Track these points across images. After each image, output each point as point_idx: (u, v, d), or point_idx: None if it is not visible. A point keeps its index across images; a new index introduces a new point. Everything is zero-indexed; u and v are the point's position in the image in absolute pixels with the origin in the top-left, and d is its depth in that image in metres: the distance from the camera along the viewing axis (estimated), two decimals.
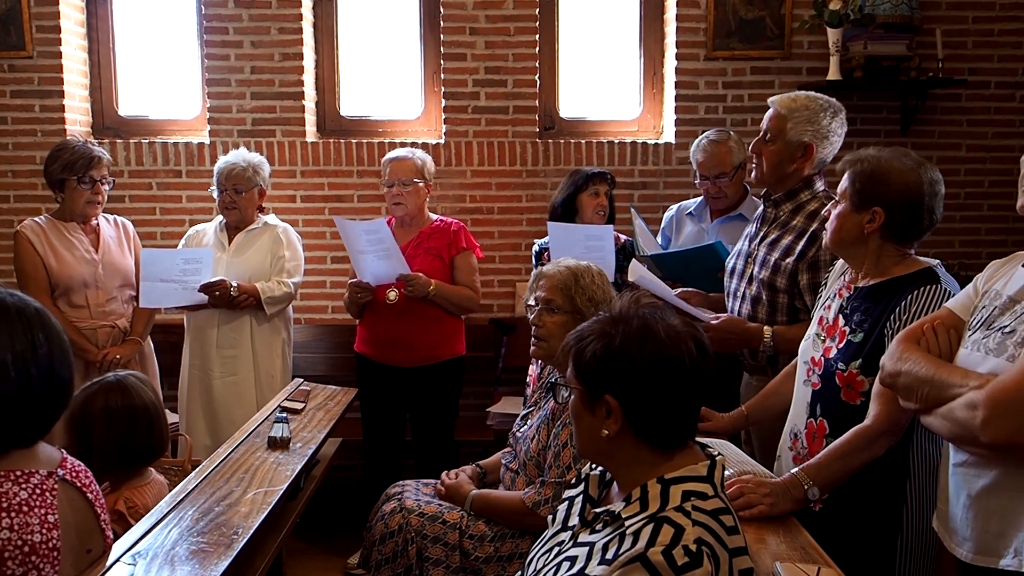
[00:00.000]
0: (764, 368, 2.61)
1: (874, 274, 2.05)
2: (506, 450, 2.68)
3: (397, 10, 4.38)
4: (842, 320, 2.07)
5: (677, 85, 4.22)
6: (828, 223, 2.11)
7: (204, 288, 3.36)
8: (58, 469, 1.59)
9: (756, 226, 2.70)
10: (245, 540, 1.84)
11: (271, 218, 3.64)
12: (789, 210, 2.58)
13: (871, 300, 2.02)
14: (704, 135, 3.37)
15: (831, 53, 4.02)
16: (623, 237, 3.55)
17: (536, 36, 4.22)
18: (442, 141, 4.23)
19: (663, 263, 3.18)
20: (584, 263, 2.50)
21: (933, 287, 1.94)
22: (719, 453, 1.52)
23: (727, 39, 4.19)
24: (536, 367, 2.72)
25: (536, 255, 3.64)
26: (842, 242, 2.08)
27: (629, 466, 1.50)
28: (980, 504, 1.63)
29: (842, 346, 2.04)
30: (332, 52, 4.37)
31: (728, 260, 2.80)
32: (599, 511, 1.50)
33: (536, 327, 2.45)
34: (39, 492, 1.54)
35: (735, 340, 2.57)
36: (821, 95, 2.56)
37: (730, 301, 2.74)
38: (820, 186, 2.59)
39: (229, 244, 3.55)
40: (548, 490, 2.32)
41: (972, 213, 4.28)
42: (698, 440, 1.56)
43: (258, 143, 4.17)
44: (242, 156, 3.54)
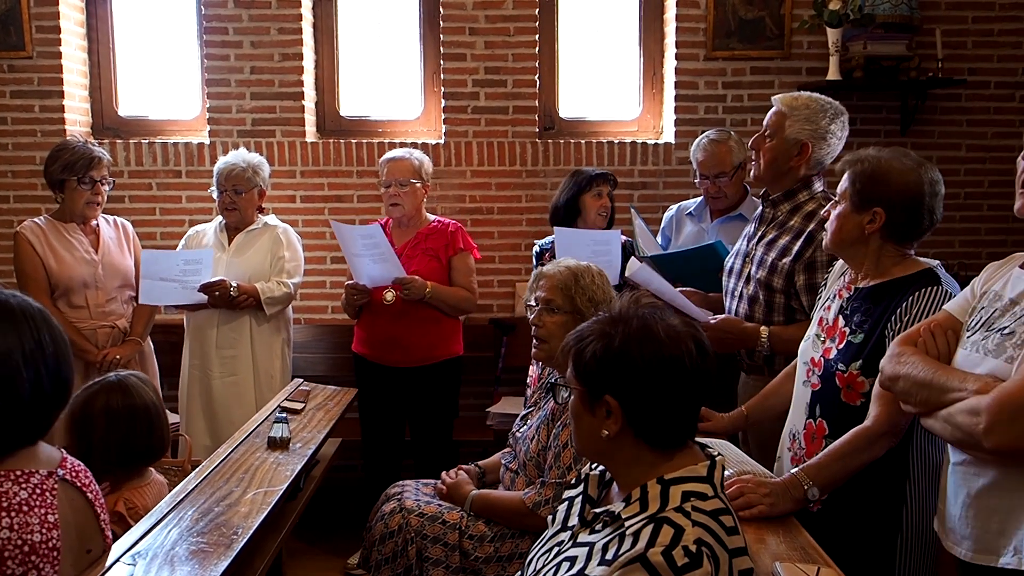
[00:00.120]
0: (761, 368, 2.62)
1: (874, 275, 2.05)
2: (506, 450, 2.68)
3: (397, 10, 4.38)
4: (842, 321, 2.07)
5: (677, 85, 4.22)
6: (828, 223, 2.10)
7: (204, 288, 3.36)
8: (58, 469, 1.59)
9: (754, 226, 2.71)
10: (245, 540, 1.84)
11: (271, 218, 3.64)
12: (787, 210, 2.58)
13: (871, 301, 2.02)
14: (704, 134, 3.37)
15: (831, 53, 4.02)
16: (624, 238, 3.55)
17: (536, 36, 4.22)
18: (442, 141, 4.23)
19: (662, 263, 3.17)
20: (584, 263, 2.50)
21: (934, 288, 1.94)
22: (719, 453, 1.52)
23: (727, 39, 4.20)
24: (536, 368, 2.72)
25: (537, 255, 3.64)
26: (842, 243, 2.08)
27: (629, 466, 1.50)
28: (980, 503, 1.63)
29: (842, 347, 2.04)
30: (332, 52, 4.37)
31: (727, 260, 2.80)
32: (599, 511, 1.50)
33: (536, 327, 2.44)
34: (39, 492, 1.54)
35: (732, 340, 2.57)
36: (825, 97, 2.56)
37: (728, 300, 2.74)
38: (819, 187, 2.59)
39: (229, 244, 3.55)
40: (548, 490, 2.32)
41: (972, 213, 4.28)
42: (698, 440, 1.56)
43: (258, 143, 4.17)
44: (242, 156, 3.54)
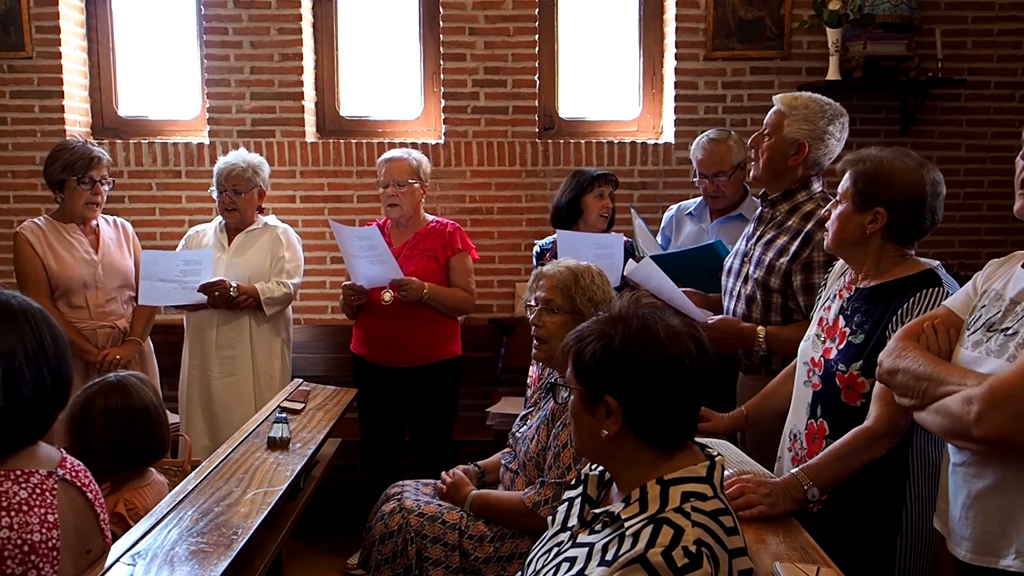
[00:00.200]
0: (758, 368, 2.62)
1: (875, 275, 2.05)
2: (506, 450, 2.68)
3: (396, 10, 4.38)
4: (842, 321, 2.07)
5: (677, 85, 4.22)
6: (829, 223, 2.10)
7: (203, 288, 3.36)
8: (58, 469, 1.59)
9: (753, 226, 2.71)
10: (245, 540, 1.84)
11: (271, 219, 3.64)
12: (785, 210, 2.59)
13: (872, 302, 2.02)
14: (705, 134, 3.37)
15: (830, 53, 4.02)
16: (624, 238, 3.54)
17: (535, 36, 4.22)
18: (441, 141, 4.23)
19: (662, 263, 3.17)
20: (584, 263, 2.50)
21: (935, 290, 1.94)
22: (718, 453, 1.52)
23: (726, 39, 4.19)
24: (536, 368, 2.72)
25: (537, 255, 3.64)
26: (843, 243, 2.07)
27: (629, 466, 1.50)
28: (980, 504, 1.62)
29: (842, 347, 2.04)
30: (332, 52, 4.37)
31: (727, 260, 2.80)
32: (598, 512, 1.50)
33: (536, 327, 2.44)
34: (39, 492, 1.54)
35: (729, 340, 2.57)
36: (825, 98, 2.56)
37: (726, 300, 2.75)
38: (817, 187, 2.59)
39: (229, 245, 3.55)
40: (548, 491, 2.32)
41: (972, 213, 4.29)
42: (698, 440, 1.56)
43: (257, 143, 4.17)
44: (241, 157, 3.54)
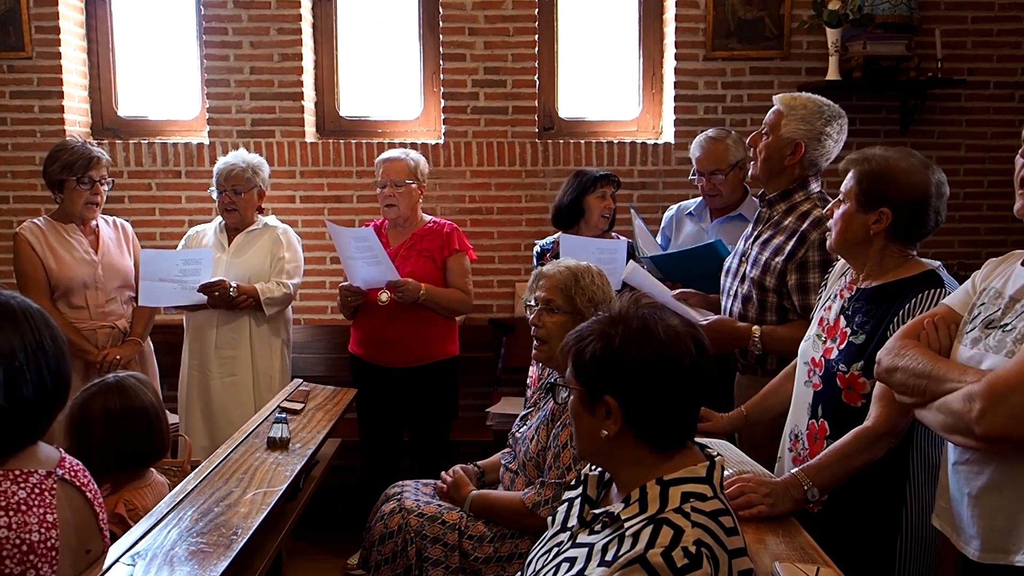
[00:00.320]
0: (754, 368, 2.63)
1: (876, 275, 2.05)
2: (505, 450, 2.68)
3: (396, 11, 4.38)
4: (843, 321, 2.06)
5: (676, 85, 4.22)
6: (832, 223, 2.09)
7: (203, 288, 3.36)
8: (57, 468, 1.59)
9: (752, 226, 2.72)
10: (244, 541, 1.84)
11: (271, 219, 3.63)
12: (783, 210, 2.59)
13: (873, 302, 2.02)
14: (704, 132, 3.37)
15: (830, 53, 4.02)
16: (624, 239, 3.54)
17: (535, 36, 4.22)
18: (441, 141, 4.23)
19: (663, 264, 3.17)
20: (584, 263, 2.50)
21: (937, 291, 1.94)
22: (718, 454, 1.52)
23: (726, 39, 4.19)
24: (536, 368, 2.72)
25: (537, 255, 3.63)
26: (846, 243, 2.06)
27: (628, 467, 1.50)
28: (982, 502, 1.62)
29: (843, 347, 2.03)
30: (331, 53, 4.37)
31: (727, 259, 2.80)
32: (598, 512, 1.50)
33: (536, 327, 2.44)
34: (38, 491, 1.54)
35: (724, 339, 2.57)
36: (825, 100, 2.57)
37: (724, 300, 2.75)
38: (815, 188, 2.60)
39: (229, 245, 3.55)
40: (548, 491, 2.32)
41: (972, 213, 4.29)
42: (697, 440, 1.56)
43: (257, 144, 4.17)
44: (241, 157, 3.54)
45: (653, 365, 1.45)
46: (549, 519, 1.67)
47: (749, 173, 2.72)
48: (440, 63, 4.21)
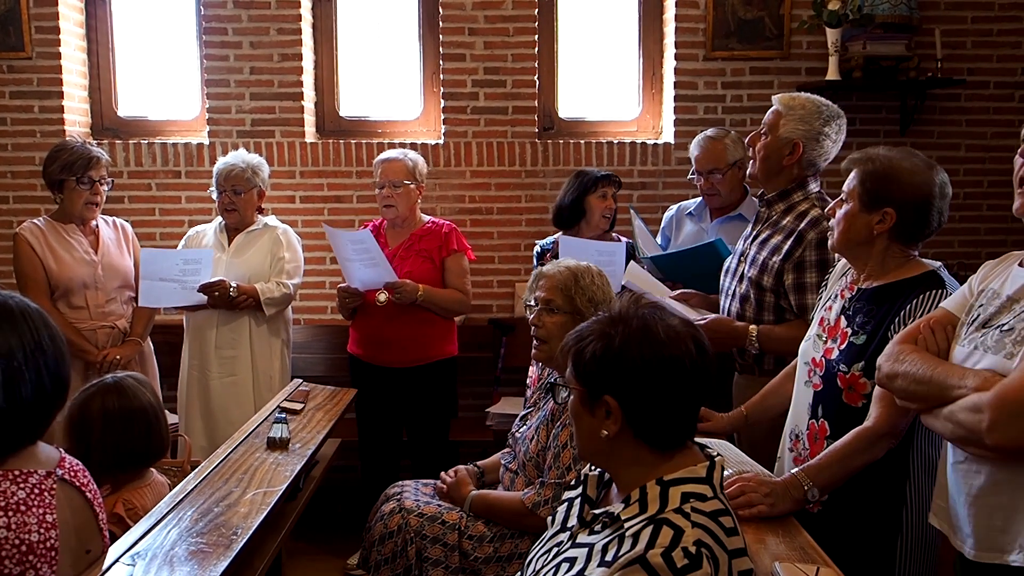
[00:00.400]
0: (752, 368, 2.63)
1: (878, 275, 2.04)
2: (505, 451, 2.68)
3: (396, 11, 4.38)
4: (844, 321, 2.06)
5: (676, 85, 4.22)
6: (834, 222, 2.08)
7: (203, 288, 3.36)
8: (57, 468, 1.59)
9: (751, 226, 2.72)
10: (244, 541, 1.84)
11: (271, 219, 3.63)
12: (781, 210, 2.60)
13: (874, 302, 2.01)
14: (703, 132, 3.37)
15: (830, 53, 4.02)
16: (624, 239, 3.54)
17: (535, 36, 4.22)
18: (441, 142, 4.23)
19: (663, 264, 3.17)
20: (584, 263, 2.50)
21: (938, 292, 1.93)
22: (718, 454, 1.52)
23: (726, 39, 4.19)
24: (536, 368, 2.72)
25: (538, 255, 3.63)
26: (849, 242, 2.06)
27: (628, 467, 1.50)
28: (981, 501, 1.62)
29: (844, 347, 2.03)
30: (331, 53, 4.37)
31: (727, 260, 2.81)
32: (598, 512, 1.50)
33: (535, 327, 2.44)
34: (37, 492, 1.53)
35: (722, 338, 2.57)
36: (824, 100, 2.57)
37: (722, 299, 2.76)
38: (814, 188, 2.60)
39: (229, 245, 3.55)
40: (548, 491, 2.32)
41: (971, 213, 4.29)
42: (697, 441, 1.56)
43: (257, 144, 4.17)
44: (241, 157, 3.54)
45: (653, 365, 1.45)
46: (549, 519, 1.67)
47: (748, 173, 2.72)
48: (440, 63, 4.21)
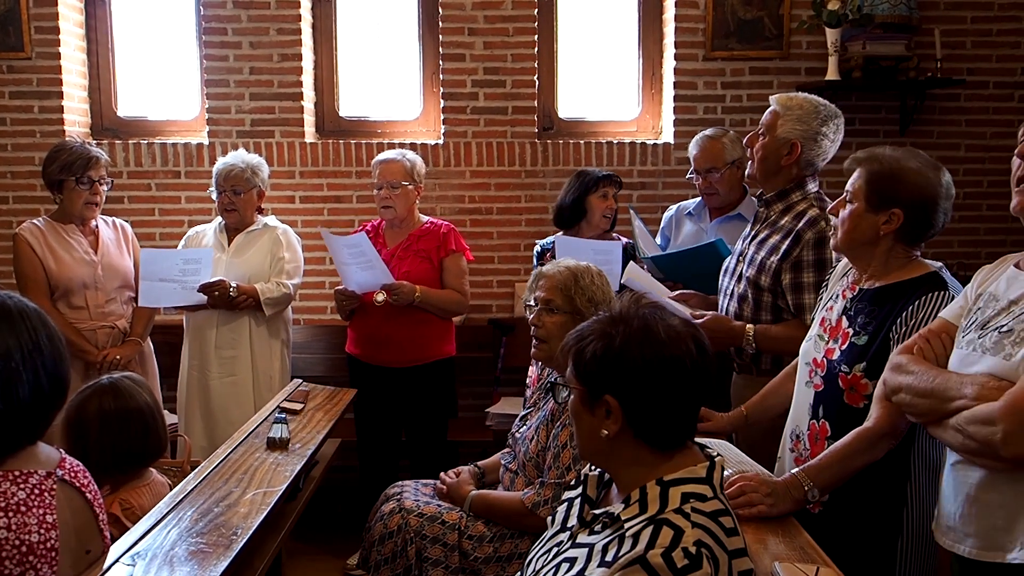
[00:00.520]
0: (749, 367, 2.63)
1: (880, 276, 2.04)
2: (505, 451, 2.68)
3: (396, 11, 4.38)
4: (845, 322, 2.06)
5: (676, 85, 4.22)
6: (838, 222, 2.07)
7: (203, 288, 3.36)
8: (57, 469, 1.59)
9: (750, 226, 2.72)
10: (244, 541, 1.84)
11: (271, 219, 3.63)
12: (779, 210, 2.60)
13: (876, 303, 2.01)
14: (702, 132, 3.38)
15: (830, 53, 4.02)
16: (623, 239, 3.54)
17: (535, 36, 4.22)
18: (441, 142, 4.23)
19: (663, 264, 3.17)
20: (584, 263, 2.50)
21: (939, 293, 1.93)
22: (718, 454, 1.52)
23: (726, 39, 4.20)
24: (536, 368, 2.72)
25: (538, 255, 3.63)
26: (853, 242, 2.04)
27: (628, 467, 1.50)
28: (981, 500, 1.62)
29: (845, 348, 2.03)
30: (331, 53, 4.37)
31: (726, 260, 2.81)
32: (598, 512, 1.50)
33: (535, 327, 2.44)
34: (37, 492, 1.53)
35: (719, 337, 2.56)
36: (822, 100, 2.57)
37: (721, 299, 2.76)
38: (812, 187, 2.60)
39: (228, 245, 3.55)
40: (548, 491, 2.32)
41: (971, 213, 4.29)
42: (697, 441, 1.56)
43: (257, 144, 4.17)
44: (240, 157, 3.54)
45: (654, 365, 1.45)
46: (549, 519, 1.67)
47: (747, 173, 2.72)
48: (440, 63, 4.21)
